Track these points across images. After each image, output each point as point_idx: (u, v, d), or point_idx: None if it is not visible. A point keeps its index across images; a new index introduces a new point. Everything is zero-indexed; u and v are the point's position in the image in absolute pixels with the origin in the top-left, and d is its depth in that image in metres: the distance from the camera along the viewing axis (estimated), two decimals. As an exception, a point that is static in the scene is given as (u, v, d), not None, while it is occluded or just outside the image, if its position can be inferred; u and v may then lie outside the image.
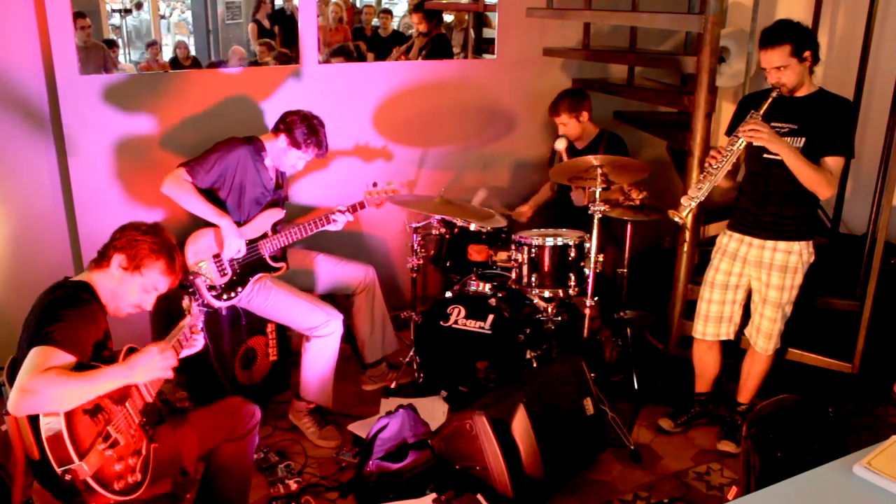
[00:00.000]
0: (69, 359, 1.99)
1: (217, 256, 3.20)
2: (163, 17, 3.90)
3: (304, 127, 3.24)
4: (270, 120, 3.79)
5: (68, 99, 3.35)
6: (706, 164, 2.93)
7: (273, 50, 4.16)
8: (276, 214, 3.33)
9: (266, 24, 4.12)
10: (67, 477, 1.93)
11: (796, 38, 2.80)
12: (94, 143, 3.46)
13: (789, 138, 2.91)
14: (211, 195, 3.19)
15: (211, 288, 3.17)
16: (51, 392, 1.90)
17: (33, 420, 1.96)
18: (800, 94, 2.93)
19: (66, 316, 2.05)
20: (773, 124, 2.92)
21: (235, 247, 3.17)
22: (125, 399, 2.15)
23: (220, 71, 3.80)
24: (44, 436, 1.93)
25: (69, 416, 1.96)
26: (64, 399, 1.93)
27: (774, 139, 2.82)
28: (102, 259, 2.23)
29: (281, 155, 3.31)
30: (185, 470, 2.46)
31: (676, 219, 2.93)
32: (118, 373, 2.05)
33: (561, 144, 3.76)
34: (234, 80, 3.74)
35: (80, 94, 3.37)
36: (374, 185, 3.49)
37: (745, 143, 2.87)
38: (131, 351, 2.22)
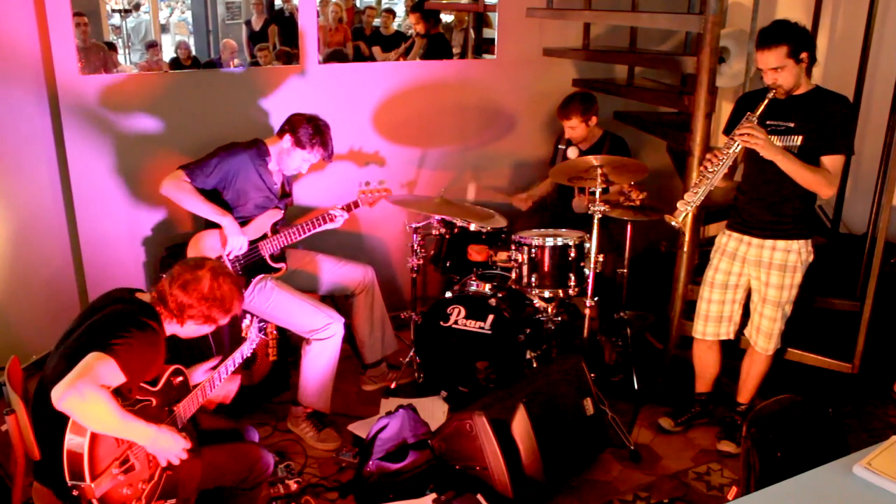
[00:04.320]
0: (121, 379, 2.01)
1: (219, 259, 3.20)
2: (164, 27, 3.91)
3: (309, 127, 3.24)
4: (271, 120, 3.80)
5: (68, 99, 3.35)
6: (702, 168, 2.93)
7: (273, 51, 4.16)
8: (276, 215, 3.33)
9: (256, 26, 4.12)
10: (75, 492, 1.96)
11: (793, 39, 2.79)
12: (94, 143, 3.46)
13: (785, 136, 2.91)
14: (216, 198, 3.19)
15: None
16: (94, 409, 1.93)
17: (56, 430, 1.97)
18: (797, 92, 2.91)
19: (134, 336, 2.07)
20: (769, 122, 2.92)
21: (238, 244, 3.17)
22: (159, 422, 2.15)
23: (220, 71, 3.80)
24: (65, 447, 1.96)
25: (95, 435, 1.98)
26: (95, 422, 1.96)
27: (769, 146, 2.81)
28: (174, 317, 2.25)
29: (284, 156, 3.30)
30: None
31: (673, 223, 2.93)
32: (146, 434, 2.06)
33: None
34: (234, 81, 3.75)
35: (80, 94, 3.37)
36: (367, 184, 3.50)
37: (741, 147, 2.86)
38: (176, 373, 2.26)
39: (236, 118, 3.70)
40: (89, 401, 1.91)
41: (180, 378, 2.31)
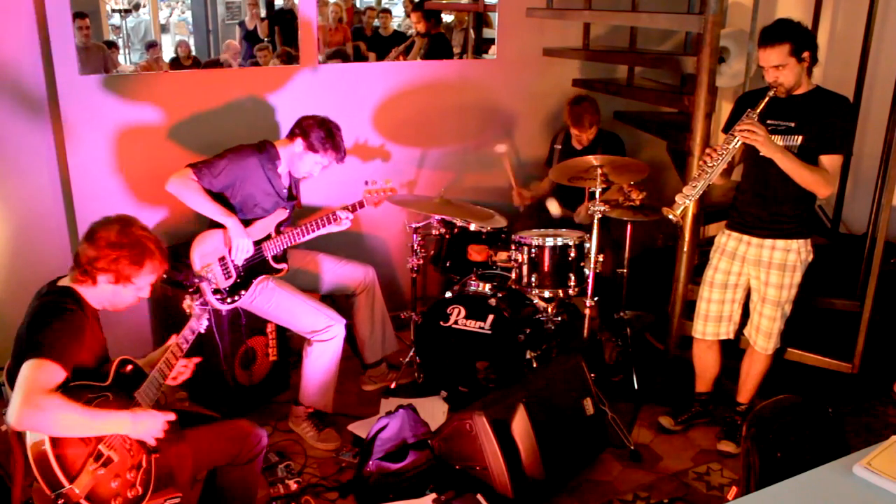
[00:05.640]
0: (62, 375, 1.97)
1: (222, 259, 3.19)
2: (164, 27, 3.91)
3: (321, 131, 3.22)
4: (272, 120, 3.80)
5: (68, 99, 3.35)
6: (701, 163, 2.93)
7: (274, 51, 4.17)
8: (280, 215, 3.32)
9: (250, 25, 4.12)
10: (61, 501, 1.91)
11: (796, 38, 2.80)
12: (94, 143, 3.46)
13: (786, 136, 2.91)
14: (222, 200, 3.17)
15: (216, 291, 3.16)
16: (57, 416, 1.90)
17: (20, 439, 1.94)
18: (797, 91, 2.92)
19: (54, 326, 2.03)
20: (769, 122, 2.92)
21: (245, 247, 3.15)
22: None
23: (220, 71, 3.80)
24: (31, 458, 1.90)
25: (55, 437, 1.93)
26: (67, 427, 1.93)
27: (768, 143, 2.82)
28: (87, 276, 2.18)
29: (296, 160, 3.28)
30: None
31: (671, 216, 2.93)
32: (123, 423, 2.05)
33: (555, 209, 3.96)
34: (234, 80, 3.74)
35: (80, 95, 3.37)
36: (373, 182, 3.48)
37: (740, 143, 2.86)
38: (124, 363, 2.22)
39: (237, 118, 3.69)
40: (49, 410, 1.88)
41: (130, 367, 2.25)
